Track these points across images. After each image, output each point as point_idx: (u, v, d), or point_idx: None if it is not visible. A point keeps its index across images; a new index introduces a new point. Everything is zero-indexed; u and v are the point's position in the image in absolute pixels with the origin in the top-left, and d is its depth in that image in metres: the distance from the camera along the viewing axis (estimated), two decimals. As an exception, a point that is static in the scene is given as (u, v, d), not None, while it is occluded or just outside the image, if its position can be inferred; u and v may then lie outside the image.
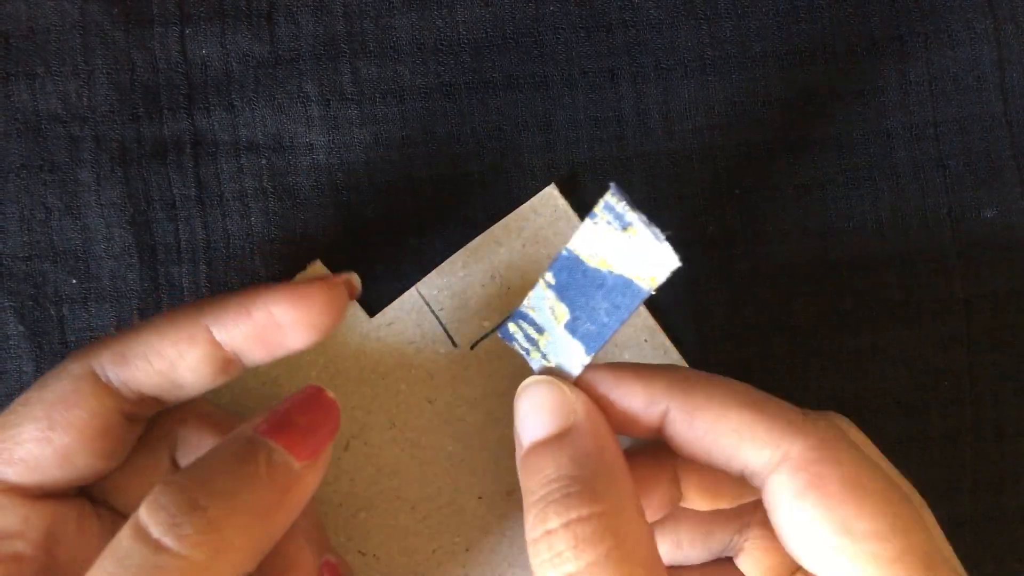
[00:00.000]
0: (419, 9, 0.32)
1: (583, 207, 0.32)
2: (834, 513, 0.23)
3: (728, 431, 0.24)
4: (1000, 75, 0.33)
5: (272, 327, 0.26)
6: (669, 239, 0.23)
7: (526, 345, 0.27)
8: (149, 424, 0.27)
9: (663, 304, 0.32)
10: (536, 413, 0.25)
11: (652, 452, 0.28)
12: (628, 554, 0.22)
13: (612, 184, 0.24)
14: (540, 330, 0.26)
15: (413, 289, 0.32)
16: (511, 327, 0.27)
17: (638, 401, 0.25)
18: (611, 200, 0.24)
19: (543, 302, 0.26)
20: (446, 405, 0.31)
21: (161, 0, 0.31)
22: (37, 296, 0.31)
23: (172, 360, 0.25)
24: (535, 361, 0.26)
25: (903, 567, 0.22)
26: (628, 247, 0.24)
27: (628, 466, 0.24)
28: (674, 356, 0.32)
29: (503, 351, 0.32)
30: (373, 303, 0.31)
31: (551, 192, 0.32)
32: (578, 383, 0.26)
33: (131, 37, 0.31)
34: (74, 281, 0.31)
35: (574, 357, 0.26)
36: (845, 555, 0.22)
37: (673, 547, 0.29)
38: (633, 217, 0.24)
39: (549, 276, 0.26)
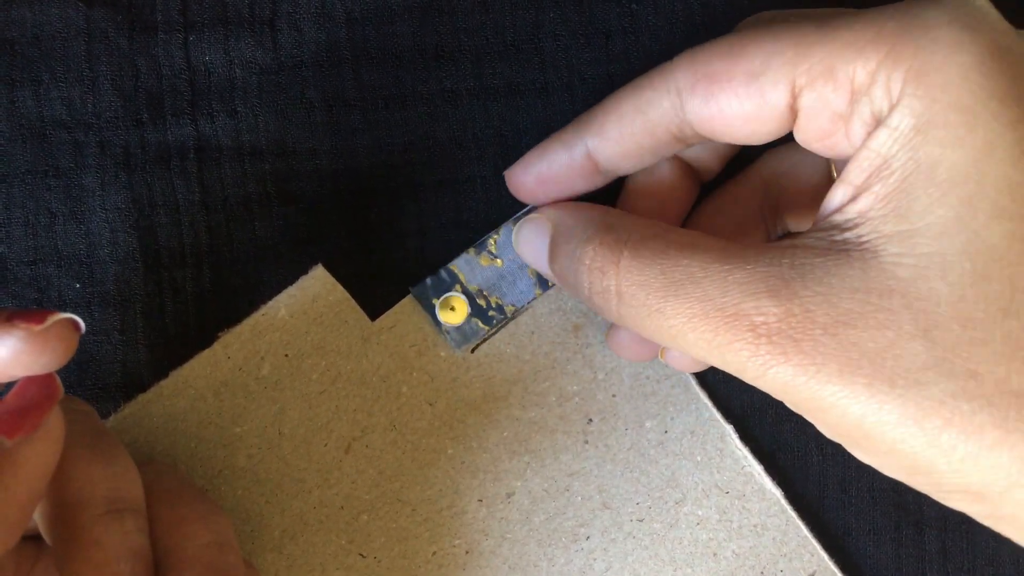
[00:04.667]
0: (420, 16, 0.32)
1: (583, 211, 0.32)
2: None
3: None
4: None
5: None
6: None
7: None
8: None
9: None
10: (531, 245, 0.30)
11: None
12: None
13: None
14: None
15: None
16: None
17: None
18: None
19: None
20: (447, 408, 0.32)
21: (165, 7, 0.32)
22: (41, 300, 0.31)
23: None
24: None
25: None
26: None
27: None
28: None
29: (504, 354, 0.32)
30: (375, 306, 0.32)
31: (551, 197, 0.32)
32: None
33: (135, 44, 0.32)
34: (78, 285, 0.31)
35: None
36: None
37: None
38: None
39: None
